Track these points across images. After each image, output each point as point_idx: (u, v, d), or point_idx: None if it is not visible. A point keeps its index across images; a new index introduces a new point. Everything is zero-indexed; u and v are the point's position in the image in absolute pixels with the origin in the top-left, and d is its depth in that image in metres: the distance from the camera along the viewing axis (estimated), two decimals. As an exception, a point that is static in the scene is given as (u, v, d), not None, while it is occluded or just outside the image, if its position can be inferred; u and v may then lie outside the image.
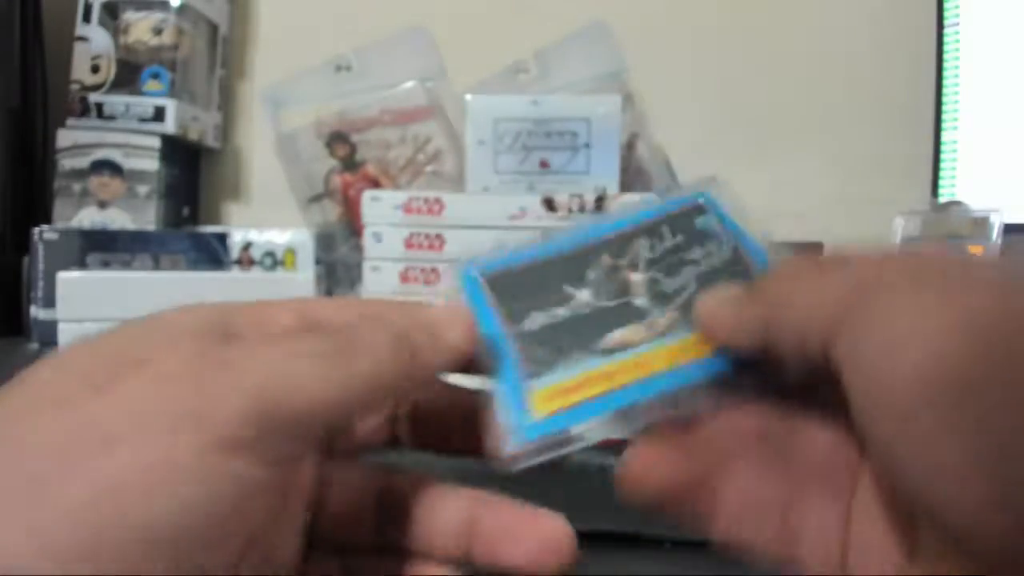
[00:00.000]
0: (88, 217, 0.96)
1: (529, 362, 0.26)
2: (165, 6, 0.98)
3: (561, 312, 0.28)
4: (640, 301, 0.28)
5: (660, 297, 0.28)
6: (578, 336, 0.27)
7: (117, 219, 0.97)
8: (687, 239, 0.29)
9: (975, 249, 0.78)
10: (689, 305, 0.27)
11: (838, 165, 1.07)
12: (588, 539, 0.32)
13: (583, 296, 0.28)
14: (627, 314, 0.27)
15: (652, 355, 0.26)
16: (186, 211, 1.07)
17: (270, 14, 1.14)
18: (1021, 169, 0.90)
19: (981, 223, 0.79)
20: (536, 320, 0.27)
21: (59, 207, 0.96)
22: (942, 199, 0.93)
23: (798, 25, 1.09)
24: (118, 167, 0.97)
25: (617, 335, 0.27)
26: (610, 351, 0.26)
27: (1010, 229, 0.78)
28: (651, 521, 0.32)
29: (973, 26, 0.94)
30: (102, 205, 0.97)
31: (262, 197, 1.13)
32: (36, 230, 0.82)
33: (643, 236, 0.30)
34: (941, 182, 0.95)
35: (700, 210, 0.30)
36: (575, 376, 0.26)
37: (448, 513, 0.25)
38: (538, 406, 0.25)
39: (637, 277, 0.28)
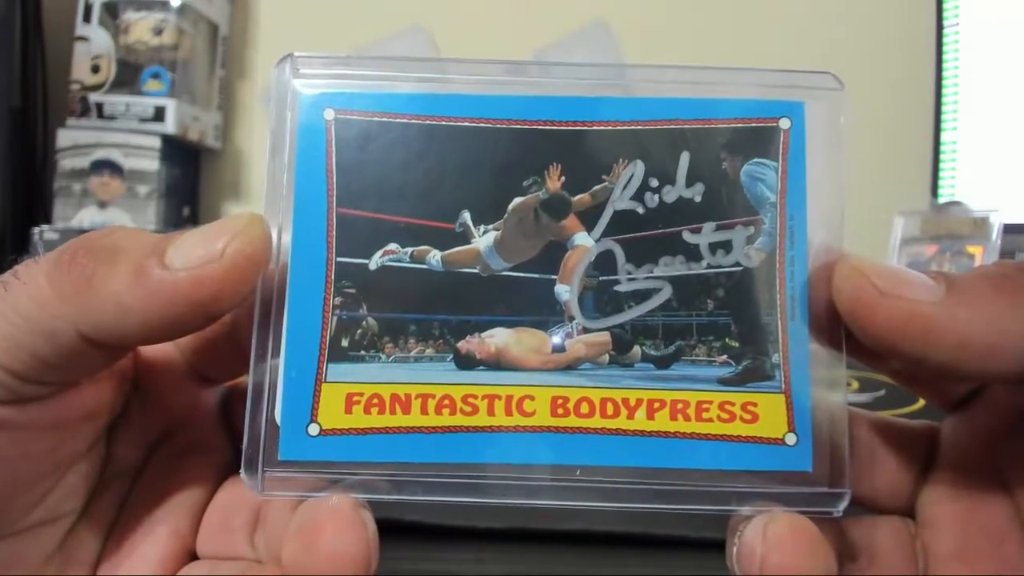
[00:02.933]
0: (88, 217, 0.96)
1: (341, 334, 0.16)
2: (165, 6, 0.98)
3: (430, 259, 0.16)
4: (564, 290, 0.17)
5: (602, 295, 0.17)
6: (433, 314, 0.16)
7: (117, 219, 0.97)
8: (709, 198, 0.17)
9: (975, 249, 0.79)
10: (640, 332, 0.17)
11: (838, 165, 1.07)
12: (589, 539, 0.32)
13: (480, 242, 0.16)
14: (534, 305, 0.16)
15: (543, 395, 0.16)
16: (186, 211, 1.07)
17: (270, 14, 1.14)
18: (1021, 169, 0.90)
19: (981, 223, 0.79)
20: (385, 260, 0.16)
21: (59, 207, 0.96)
22: (942, 199, 0.93)
23: (798, 25, 1.09)
24: (118, 167, 0.97)
25: (499, 338, 0.16)
26: (474, 360, 0.16)
27: (1010, 229, 0.78)
28: (652, 521, 0.32)
29: (973, 26, 0.94)
30: (102, 205, 0.97)
31: (262, 197, 1.13)
32: (36, 230, 0.82)
33: (638, 156, 0.17)
34: (941, 182, 0.95)
35: (769, 140, 0.17)
36: (397, 384, 0.16)
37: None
38: (324, 412, 0.16)
39: (582, 240, 0.17)
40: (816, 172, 0.18)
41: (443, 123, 0.17)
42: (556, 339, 0.16)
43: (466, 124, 0.17)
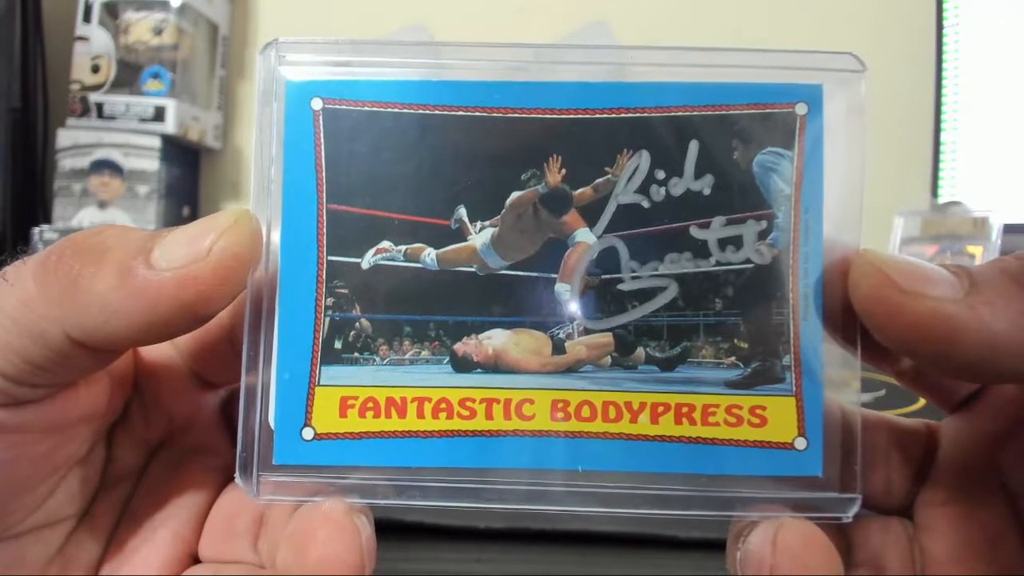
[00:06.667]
0: (88, 217, 0.96)
1: (334, 336, 0.16)
2: (165, 6, 0.98)
3: (424, 258, 0.15)
4: (565, 290, 0.16)
5: (605, 295, 0.16)
6: (429, 315, 0.15)
7: (117, 219, 0.97)
8: (718, 191, 0.16)
9: (974, 249, 0.78)
10: (644, 333, 0.16)
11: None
12: (589, 539, 0.32)
13: (476, 239, 0.15)
14: (533, 305, 0.15)
15: (542, 399, 0.15)
16: (186, 211, 1.07)
17: (270, 14, 1.14)
18: (1021, 169, 0.90)
19: (981, 223, 0.79)
20: (378, 258, 0.15)
21: (59, 207, 0.96)
22: (942, 199, 0.93)
23: (797, 25, 1.09)
24: (118, 167, 0.97)
25: (497, 340, 0.15)
26: (471, 363, 0.15)
27: (1010, 229, 0.78)
28: (652, 522, 0.32)
29: (973, 26, 0.94)
30: (102, 205, 0.97)
31: (262, 197, 1.13)
32: (36, 230, 0.82)
33: (644, 146, 0.16)
34: (941, 182, 0.95)
35: (784, 128, 0.16)
36: (393, 387, 0.15)
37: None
38: (318, 415, 0.16)
39: (584, 237, 0.16)
40: (834, 162, 0.16)
41: (437, 112, 0.15)
42: (556, 341, 0.16)
43: (461, 113, 0.15)
